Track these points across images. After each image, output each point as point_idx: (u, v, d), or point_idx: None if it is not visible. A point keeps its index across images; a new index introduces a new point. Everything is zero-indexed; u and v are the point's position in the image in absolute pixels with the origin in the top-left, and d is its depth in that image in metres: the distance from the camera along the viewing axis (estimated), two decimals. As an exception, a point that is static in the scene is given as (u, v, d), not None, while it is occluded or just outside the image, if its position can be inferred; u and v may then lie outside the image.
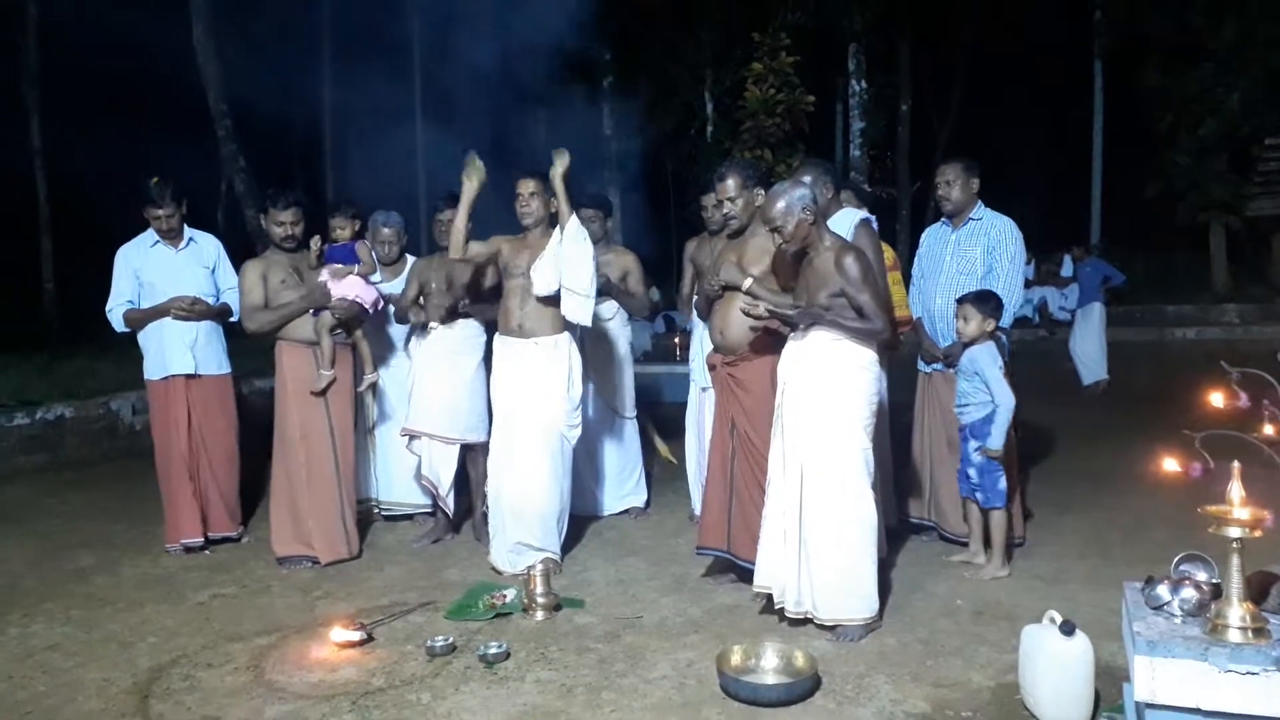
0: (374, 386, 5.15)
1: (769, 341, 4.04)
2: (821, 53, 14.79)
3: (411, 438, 5.02)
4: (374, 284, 4.93)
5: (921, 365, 4.82)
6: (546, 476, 4.47)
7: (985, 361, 4.15)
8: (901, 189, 18.27)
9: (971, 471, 4.22)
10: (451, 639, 3.59)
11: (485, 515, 4.86)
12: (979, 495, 4.23)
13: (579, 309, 4.39)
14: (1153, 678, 2.25)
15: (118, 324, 5.01)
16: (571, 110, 15.77)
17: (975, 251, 4.61)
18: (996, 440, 4.11)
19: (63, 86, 15.13)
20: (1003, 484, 4.17)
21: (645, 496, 5.61)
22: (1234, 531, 2.26)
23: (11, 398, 7.44)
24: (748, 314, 3.76)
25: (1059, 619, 2.93)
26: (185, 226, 5.07)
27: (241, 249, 5.26)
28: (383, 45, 15.43)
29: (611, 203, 5.44)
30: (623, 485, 5.53)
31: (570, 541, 4.76)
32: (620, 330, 5.46)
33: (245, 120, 12.97)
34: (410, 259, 5.37)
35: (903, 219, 18.30)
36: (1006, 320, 4.42)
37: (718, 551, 4.17)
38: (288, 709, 3.13)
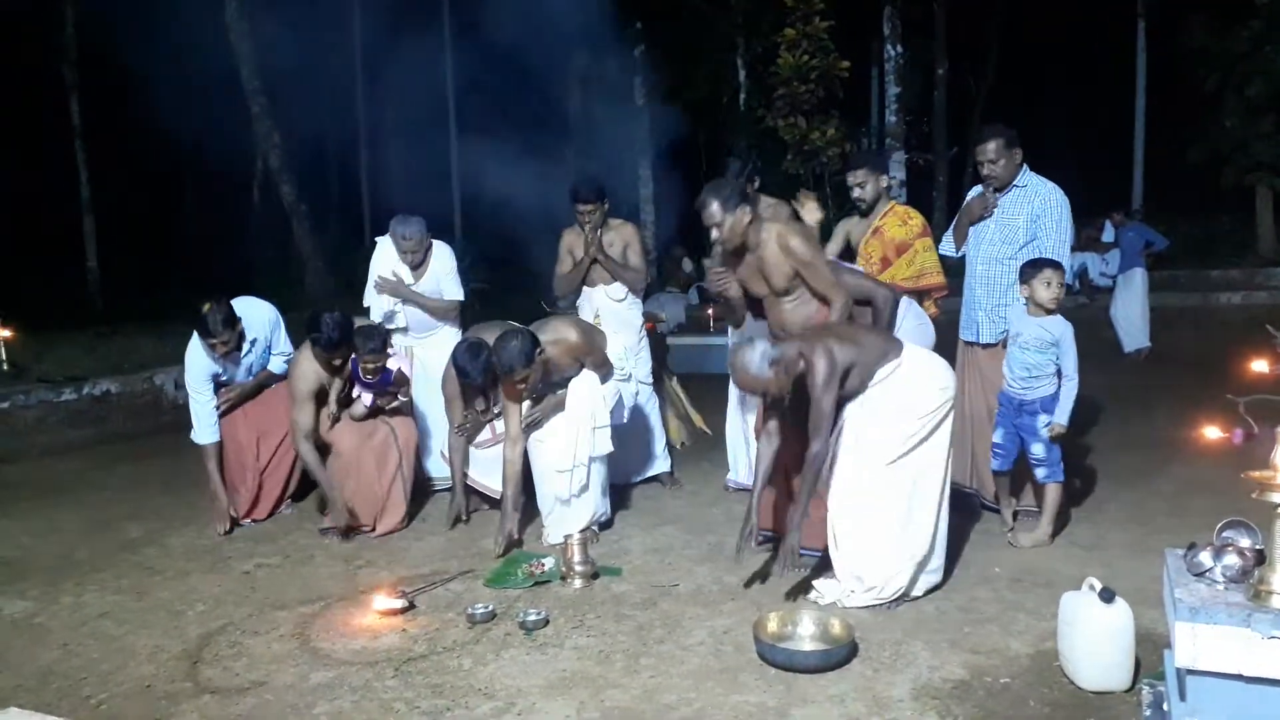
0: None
1: (825, 317, 4.07)
2: (856, 17, 14.54)
3: None
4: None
5: (963, 334, 4.76)
6: (583, 460, 4.50)
7: (1069, 335, 4.09)
8: (938, 154, 17.98)
9: (1039, 448, 4.15)
10: (491, 606, 3.64)
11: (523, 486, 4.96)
12: (1041, 470, 4.17)
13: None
14: (1194, 644, 2.23)
15: (205, 438, 4.89)
16: (603, 80, 15.68)
17: (1019, 220, 4.48)
18: (1065, 415, 4.07)
19: (101, 66, 15.29)
20: (1060, 458, 4.16)
21: (669, 463, 5.64)
22: (1278, 497, 2.22)
23: (59, 374, 7.61)
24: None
25: (1099, 586, 2.92)
26: (240, 325, 4.80)
27: (280, 224, 5.29)
28: (415, 18, 15.44)
29: (604, 187, 5.44)
30: (647, 452, 5.57)
31: (606, 511, 4.79)
32: (633, 304, 5.62)
33: (279, 96, 13.06)
34: (435, 245, 5.37)
35: (939, 185, 18.03)
36: None
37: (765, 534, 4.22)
38: (332, 674, 3.20)
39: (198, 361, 4.86)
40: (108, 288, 15.04)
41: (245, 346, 4.92)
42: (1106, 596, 2.88)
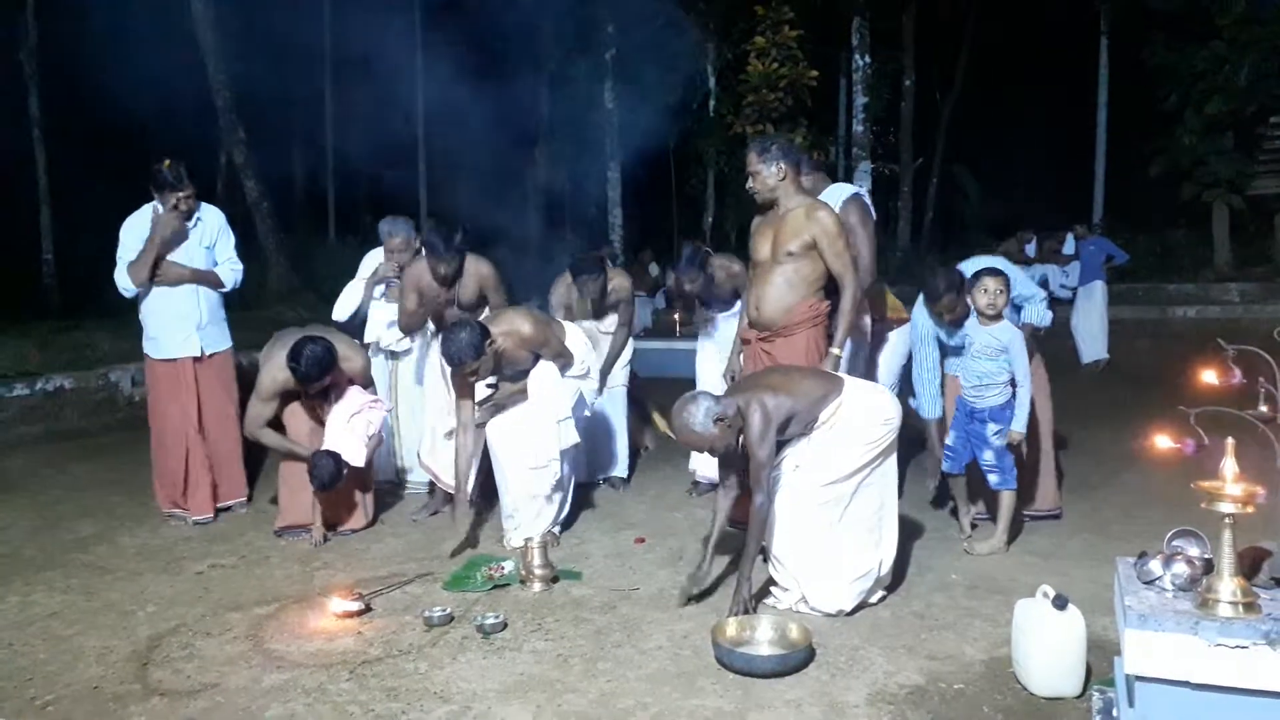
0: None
1: (805, 316, 4.11)
2: (825, 27, 14.67)
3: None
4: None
5: (946, 367, 4.75)
6: (543, 468, 4.47)
7: (1019, 342, 4.15)
8: (904, 165, 18.17)
9: (990, 455, 4.21)
10: (449, 610, 3.62)
11: (484, 489, 4.95)
12: (994, 477, 4.24)
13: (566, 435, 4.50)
14: (1143, 651, 2.26)
15: (123, 282, 4.89)
16: (574, 82, 15.68)
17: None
18: (1023, 422, 4.13)
19: (61, 56, 15.03)
20: (1013, 465, 4.21)
21: (625, 469, 5.66)
22: (1226, 507, 2.26)
23: (11, 369, 7.45)
24: None
25: (1052, 593, 2.95)
26: (194, 189, 4.96)
27: (242, 220, 5.27)
28: (385, 15, 15.30)
29: (604, 259, 5.46)
30: (606, 454, 5.58)
31: (568, 514, 4.78)
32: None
33: (245, 91, 12.90)
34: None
35: (904, 195, 18.21)
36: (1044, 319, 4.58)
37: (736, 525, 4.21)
38: (285, 677, 3.16)
39: (136, 227, 4.88)
40: (64, 281, 14.76)
41: (193, 220, 4.94)
42: (1060, 604, 2.92)
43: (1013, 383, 4.17)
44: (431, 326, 5.16)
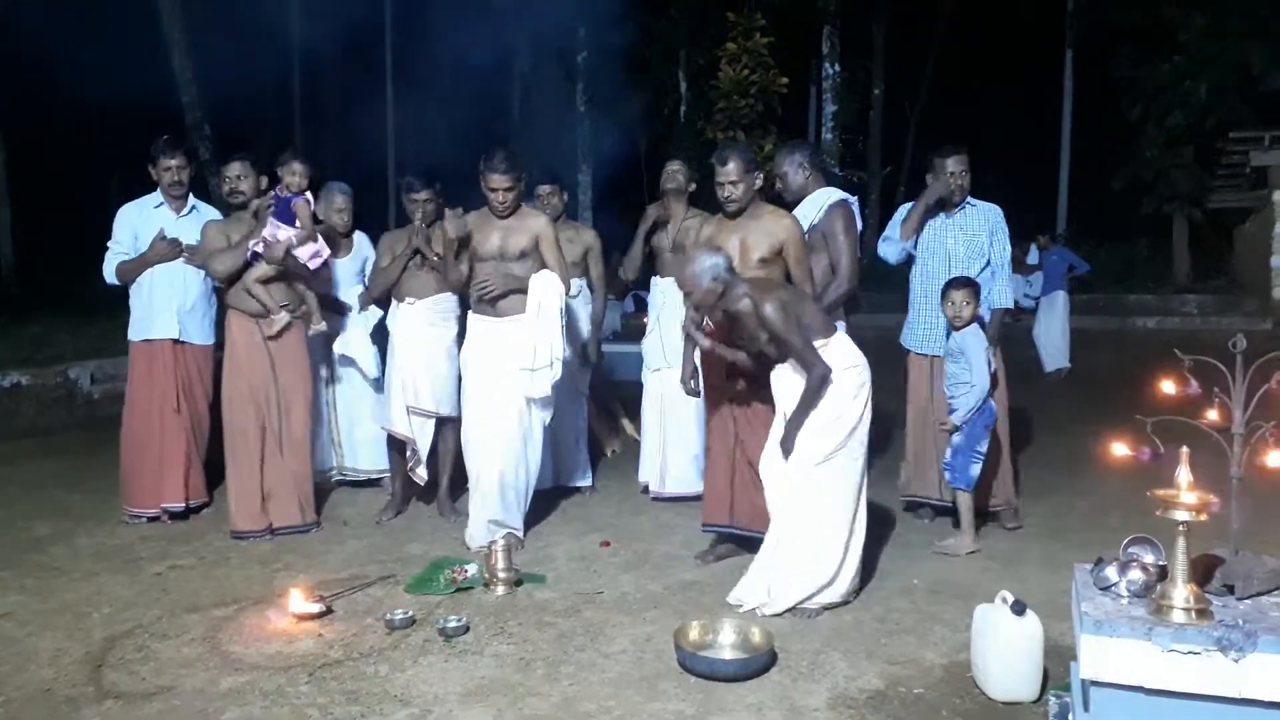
0: (324, 336, 5.05)
1: None
2: (796, 34, 14.76)
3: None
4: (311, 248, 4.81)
5: (924, 348, 4.78)
6: (518, 452, 4.48)
7: (975, 345, 4.26)
8: (872, 173, 18.32)
9: (947, 452, 4.31)
10: (411, 612, 3.59)
11: (450, 490, 4.93)
12: (946, 474, 4.33)
13: (536, 384, 4.44)
14: (1098, 656, 2.29)
15: (109, 273, 4.94)
16: (546, 84, 15.67)
17: (981, 236, 4.66)
18: (957, 417, 4.23)
19: (21, 48, 14.77)
20: (975, 469, 4.27)
21: (591, 477, 5.63)
22: (1181, 515, 2.29)
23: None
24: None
25: (1011, 599, 2.99)
26: (190, 195, 5.04)
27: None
28: (356, 9, 15.21)
29: (564, 178, 5.48)
30: (571, 461, 5.55)
31: (533, 518, 4.76)
32: (582, 308, 5.53)
33: (213, 85, 12.76)
34: (360, 235, 5.41)
35: (872, 204, 18.35)
36: (1009, 300, 4.73)
37: (721, 528, 4.23)
38: (243, 680, 3.12)
39: (128, 218, 4.95)
40: (22, 277, 14.50)
41: (188, 208, 5.00)
42: (1018, 609, 2.95)
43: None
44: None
